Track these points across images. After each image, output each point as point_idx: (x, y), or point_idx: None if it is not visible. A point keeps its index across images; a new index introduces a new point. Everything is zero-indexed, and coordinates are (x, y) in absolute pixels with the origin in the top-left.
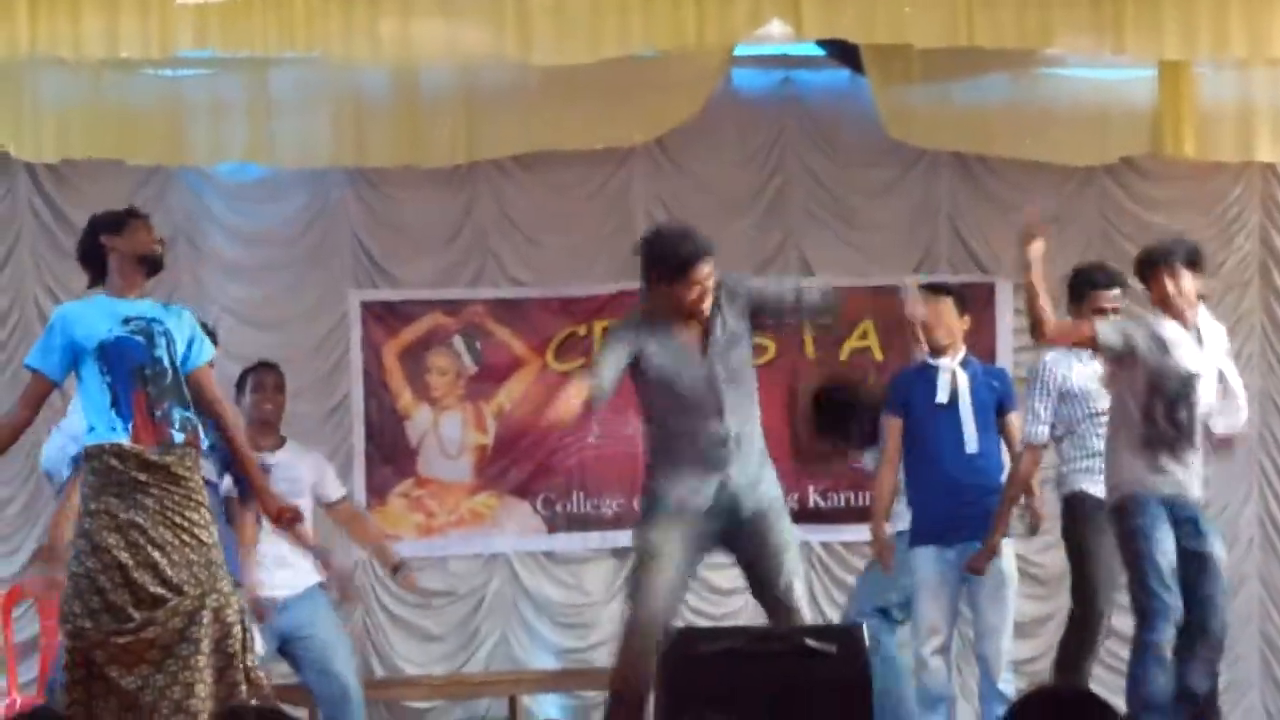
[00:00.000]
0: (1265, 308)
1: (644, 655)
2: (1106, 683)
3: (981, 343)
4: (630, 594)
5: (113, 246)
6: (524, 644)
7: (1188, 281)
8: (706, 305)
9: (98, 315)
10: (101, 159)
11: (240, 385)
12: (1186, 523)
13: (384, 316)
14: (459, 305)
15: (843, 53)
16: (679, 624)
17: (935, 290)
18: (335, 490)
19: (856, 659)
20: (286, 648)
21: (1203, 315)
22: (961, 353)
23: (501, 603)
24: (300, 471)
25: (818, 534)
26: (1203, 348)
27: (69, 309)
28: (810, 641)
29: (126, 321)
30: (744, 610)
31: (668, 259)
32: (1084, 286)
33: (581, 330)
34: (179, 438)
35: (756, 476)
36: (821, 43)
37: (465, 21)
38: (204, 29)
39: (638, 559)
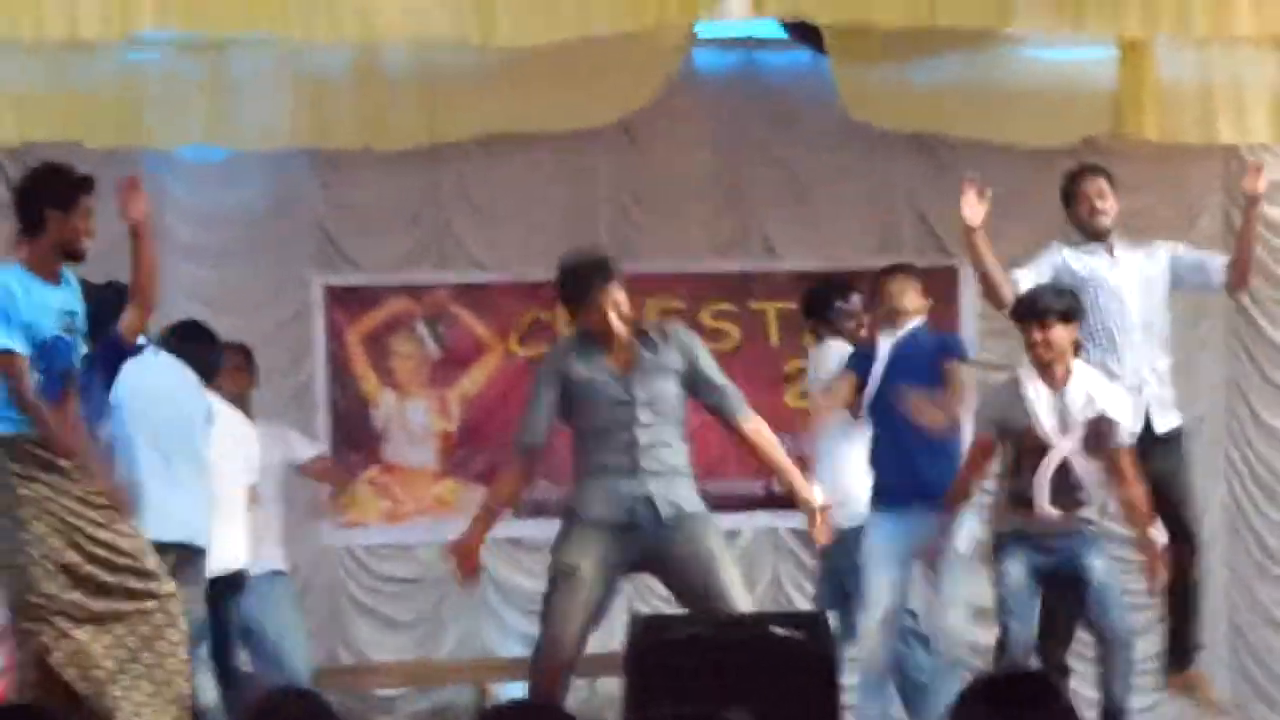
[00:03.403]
0: None
1: (553, 676)
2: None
3: (944, 324)
4: (542, 615)
5: (54, 224)
6: (491, 632)
7: (1058, 335)
8: (617, 329)
9: (38, 305)
10: (63, 141)
11: None
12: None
13: (347, 301)
14: (423, 290)
15: (804, 33)
16: (645, 611)
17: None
18: (305, 451)
19: (823, 644)
20: (242, 634)
21: (1080, 373)
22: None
23: (468, 590)
24: (263, 453)
25: (785, 520)
26: (1068, 410)
27: (14, 285)
28: (776, 628)
29: (58, 316)
30: None
31: (565, 286)
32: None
33: (546, 315)
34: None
35: (673, 490)
36: (783, 23)
37: (426, 1)
38: (164, 9)
39: (551, 580)
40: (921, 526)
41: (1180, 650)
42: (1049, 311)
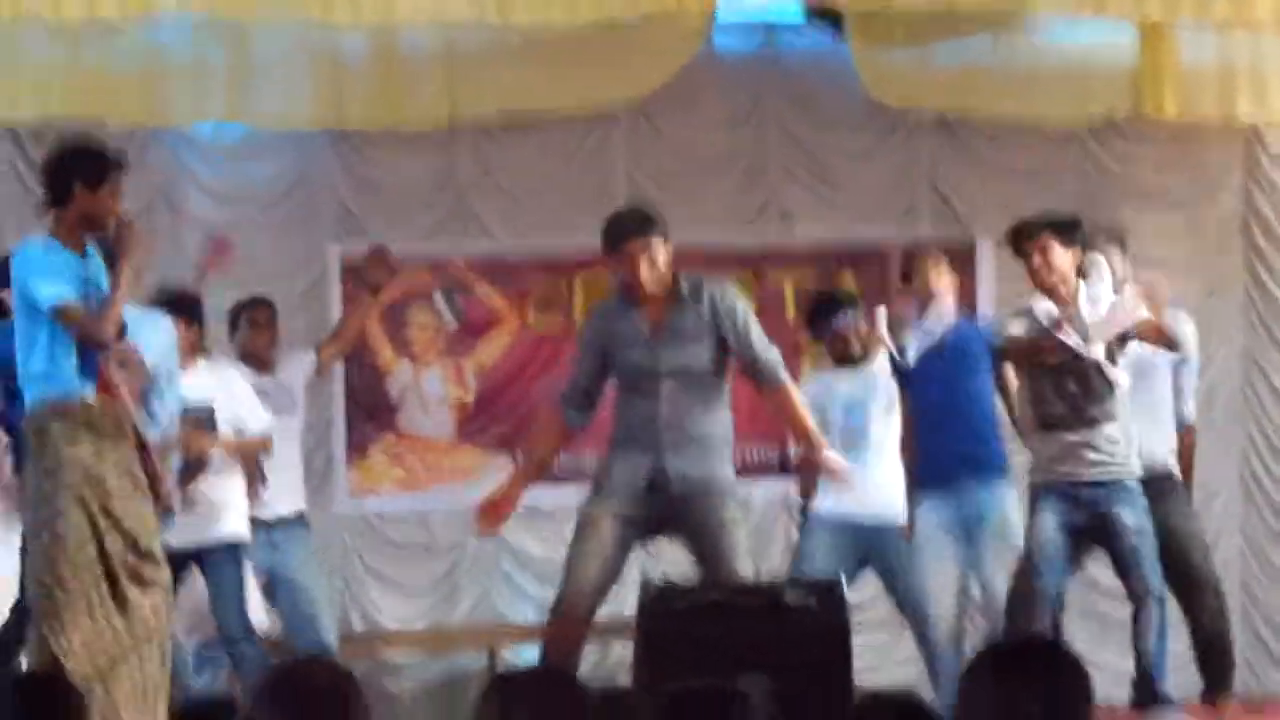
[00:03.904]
0: (1248, 268)
1: (565, 624)
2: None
3: (963, 302)
4: (565, 565)
5: (81, 199)
6: (505, 598)
7: (1057, 257)
8: (648, 283)
9: (71, 272)
10: (82, 120)
11: (233, 321)
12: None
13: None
14: (441, 264)
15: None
16: (658, 578)
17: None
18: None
19: (837, 613)
20: (270, 584)
21: (1086, 292)
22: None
23: (482, 557)
24: (291, 383)
25: None
26: (1087, 324)
27: (42, 251)
28: (790, 596)
29: (83, 285)
30: None
31: (603, 236)
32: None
33: (562, 287)
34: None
35: (696, 467)
36: (803, 5)
37: None
38: None
39: (575, 531)
40: (971, 501)
41: (1208, 683)
42: (1041, 230)
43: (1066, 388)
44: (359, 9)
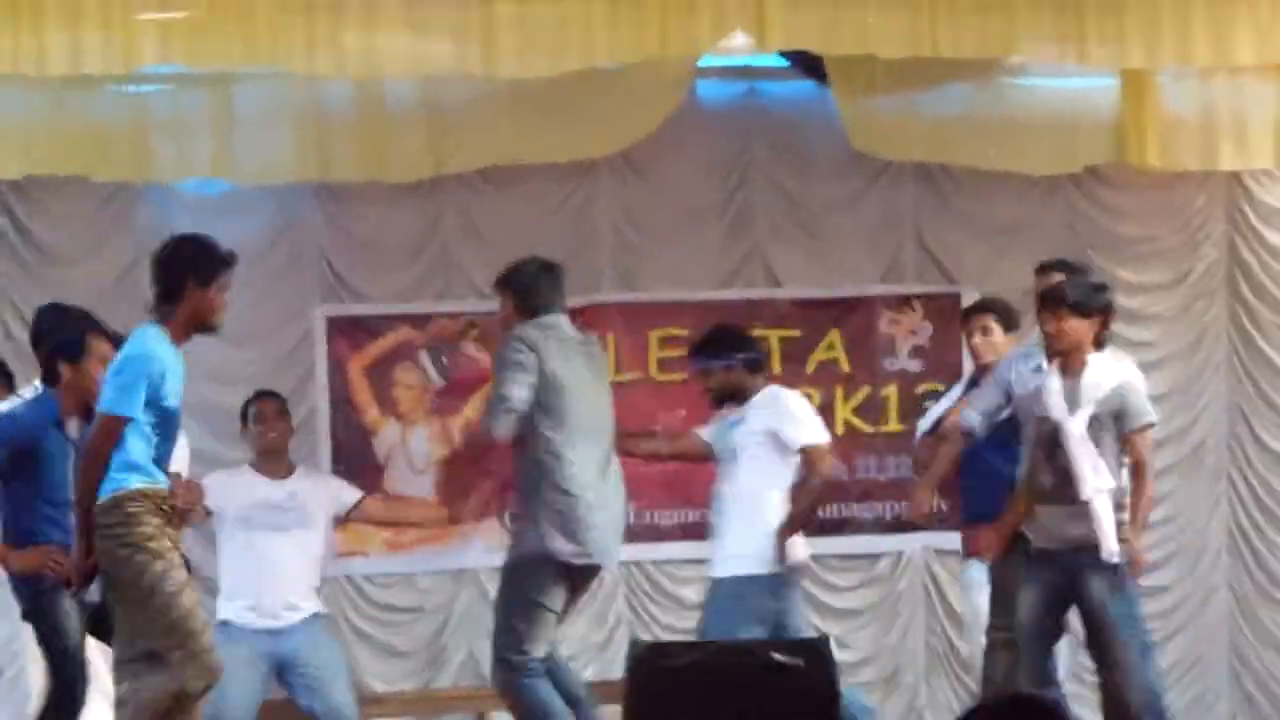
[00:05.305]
0: (1231, 316)
1: None
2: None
3: (948, 353)
4: None
5: (193, 296)
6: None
7: (1070, 325)
8: None
9: (172, 372)
10: (66, 176)
11: (243, 416)
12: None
13: (350, 331)
14: (425, 320)
15: (806, 64)
16: (647, 638)
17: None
18: (351, 496)
19: (824, 671)
20: (283, 674)
21: (1097, 362)
22: None
23: (470, 618)
24: (307, 501)
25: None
26: (1080, 395)
27: (155, 356)
28: (777, 655)
29: (182, 378)
30: None
31: None
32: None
33: None
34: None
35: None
36: (785, 54)
37: (429, 35)
38: (168, 44)
39: None
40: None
41: None
42: (1060, 302)
43: (1057, 460)
44: (342, 62)
